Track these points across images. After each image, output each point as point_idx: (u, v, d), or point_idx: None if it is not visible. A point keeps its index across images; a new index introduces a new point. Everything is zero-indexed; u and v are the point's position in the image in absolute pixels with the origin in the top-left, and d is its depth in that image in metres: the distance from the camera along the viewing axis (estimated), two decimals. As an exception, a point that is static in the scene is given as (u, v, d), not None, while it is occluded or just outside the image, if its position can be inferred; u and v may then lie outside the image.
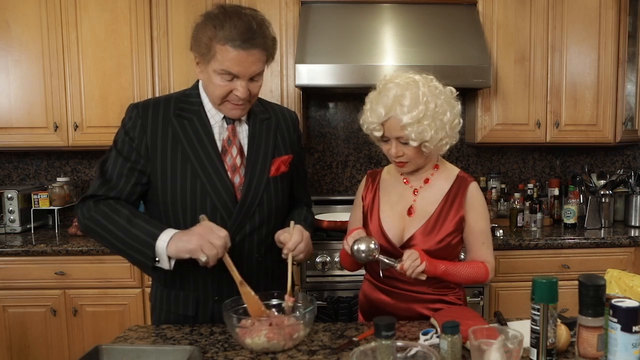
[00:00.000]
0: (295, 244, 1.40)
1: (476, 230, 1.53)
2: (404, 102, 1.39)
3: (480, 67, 2.63)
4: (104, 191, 1.40)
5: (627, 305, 1.06)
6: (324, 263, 2.48)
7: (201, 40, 1.34)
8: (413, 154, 1.46)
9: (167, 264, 1.32)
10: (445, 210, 1.51)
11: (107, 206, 1.38)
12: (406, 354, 1.07)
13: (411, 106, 1.39)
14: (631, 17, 2.93)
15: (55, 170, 3.18)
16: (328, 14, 2.78)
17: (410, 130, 1.39)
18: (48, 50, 2.76)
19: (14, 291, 2.55)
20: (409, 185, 1.56)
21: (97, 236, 1.39)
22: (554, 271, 2.65)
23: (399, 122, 1.40)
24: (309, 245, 1.46)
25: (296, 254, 1.41)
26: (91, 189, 1.43)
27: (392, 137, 1.44)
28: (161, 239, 1.31)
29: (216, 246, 1.27)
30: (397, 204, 1.55)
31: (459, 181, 1.54)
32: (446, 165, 1.59)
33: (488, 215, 1.57)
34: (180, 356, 1.19)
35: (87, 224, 1.39)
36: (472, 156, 3.29)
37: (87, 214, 1.39)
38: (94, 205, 1.39)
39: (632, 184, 3.02)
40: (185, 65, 2.77)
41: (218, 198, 1.42)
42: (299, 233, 1.43)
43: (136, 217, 1.36)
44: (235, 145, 1.47)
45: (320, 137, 3.21)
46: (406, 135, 1.41)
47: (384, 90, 1.43)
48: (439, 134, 1.43)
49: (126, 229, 1.33)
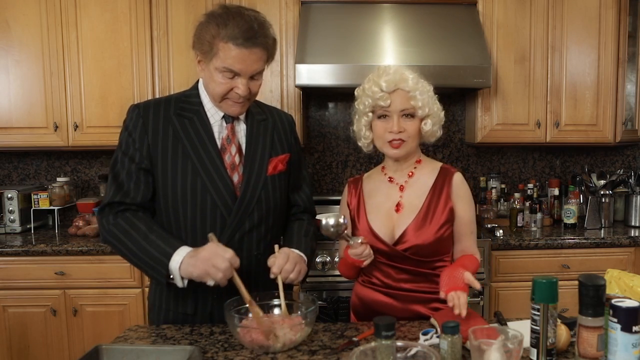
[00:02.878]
0: (279, 267, 1.39)
1: (465, 219, 1.55)
2: (408, 76, 1.47)
3: (480, 67, 2.63)
4: (120, 197, 1.44)
5: (627, 305, 1.06)
6: (324, 263, 2.48)
7: (204, 38, 1.37)
8: (413, 131, 1.49)
9: (181, 282, 1.36)
10: (433, 202, 1.51)
11: (125, 220, 1.42)
12: (406, 354, 1.07)
13: (415, 80, 1.47)
14: (631, 17, 2.93)
15: (55, 170, 3.18)
16: (328, 14, 2.78)
17: (419, 98, 1.46)
18: (48, 50, 2.76)
19: (14, 291, 2.55)
20: (394, 183, 1.56)
21: (115, 249, 1.44)
22: (554, 271, 2.65)
23: (406, 92, 1.46)
24: (298, 264, 1.44)
25: (284, 276, 1.40)
26: (107, 197, 1.46)
27: (396, 110, 1.46)
28: (174, 259, 1.34)
29: (221, 269, 1.29)
30: (383, 204, 1.55)
31: (443, 173, 1.55)
32: (428, 160, 1.61)
33: (473, 205, 1.60)
34: (180, 356, 1.19)
35: (107, 238, 1.44)
36: (472, 156, 3.29)
37: (106, 227, 1.43)
38: (113, 219, 1.43)
39: (632, 184, 3.02)
40: (185, 65, 2.77)
41: (218, 195, 1.44)
42: (283, 256, 1.42)
43: (152, 232, 1.39)
44: (234, 143, 1.49)
45: (320, 137, 3.21)
46: (413, 105, 1.46)
47: (384, 72, 1.48)
48: (438, 112, 1.52)
49: (142, 246, 1.38)
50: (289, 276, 1.42)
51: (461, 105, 3.23)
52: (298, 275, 1.44)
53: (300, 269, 1.45)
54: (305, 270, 1.49)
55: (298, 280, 1.47)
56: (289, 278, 1.42)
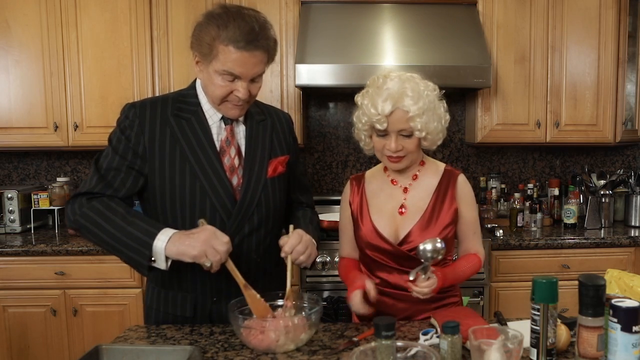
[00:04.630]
0: (291, 247, 1.38)
1: (469, 220, 1.56)
2: (408, 94, 1.40)
3: (480, 67, 2.63)
4: (101, 188, 1.38)
5: (627, 305, 1.06)
6: (324, 263, 2.48)
7: (203, 39, 1.33)
8: (413, 148, 1.46)
9: (164, 264, 1.30)
10: (438, 203, 1.51)
11: (101, 203, 1.35)
12: (406, 354, 1.07)
13: (415, 98, 1.41)
14: (631, 17, 2.93)
15: (55, 170, 3.18)
16: (328, 14, 2.78)
17: (418, 120, 1.41)
18: (48, 50, 2.76)
19: (14, 291, 2.55)
20: (397, 185, 1.56)
21: (88, 233, 1.35)
22: (554, 271, 2.65)
23: (405, 114, 1.40)
24: (309, 247, 1.43)
25: (295, 257, 1.39)
26: (86, 186, 1.39)
27: (394, 130, 1.43)
28: (159, 238, 1.29)
29: (220, 252, 1.27)
30: (386, 205, 1.54)
31: (447, 174, 1.55)
32: (431, 161, 1.60)
33: (476, 205, 1.60)
34: (180, 356, 1.19)
35: (78, 220, 1.35)
36: (472, 156, 3.29)
37: (78, 210, 1.35)
38: (87, 201, 1.36)
39: (632, 184, 3.02)
40: (185, 65, 2.77)
41: (217, 199, 1.42)
42: (296, 236, 1.41)
43: (132, 215, 1.34)
44: (234, 145, 1.47)
45: (320, 137, 3.21)
46: (412, 127, 1.42)
47: (384, 84, 1.43)
48: (438, 126, 1.47)
49: (121, 226, 1.30)
50: (299, 257, 1.40)
51: (461, 105, 3.23)
52: (308, 258, 1.42)
53: (311, 252, 1.43)
54: (315, 254, 1.47)
55: (307, 264, 1.44)
56: (298, 259, 1.40)
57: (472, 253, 1.58)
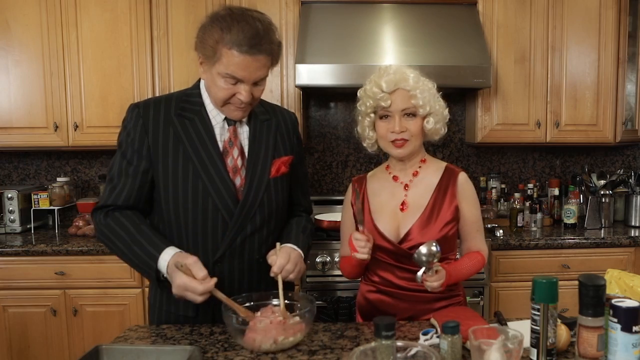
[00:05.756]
0: (280, 267, 1.39)
1: (471, 219, 1.56)
2: (409, 75, 1.47)
3: (480, 67, 2.63)
4: (112, 200, 1.43)
5: (627, 305, 1.06)
6: (324, 263, 2.48)
7: (207, 42, 1.33)
8: (416, 130, 1.48)
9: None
10: (438, 201, 1.52)
11: (114, 220, 1.42)
12: (406, 354, 1.07)
13: (416, 79, 1.47)
14: (631, 17, 2.93)
15: (55, 170, 3.18)
16: (328, 14, 2.78)
17: (420, 97, 1.45)
18: (48, 50, 2.76)
19: (14, 291, 2.55)
20: (398, 181, 1.57)
21: (109, 250, 1.46)
22: (554, 271, 2.65)
23: (406, 92, 1.46)
24: (298, 264, 1.44)
25: (285, 276, 1.40)
26: (101, 200, 1.46)
27: (398, 110, 1.46)
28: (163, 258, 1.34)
29: (197, 300, 1.30)
30: (388, 202, 1.55)
31: (448, 172, 1.56)
32: (433, 159, 1.62)
33: (479, 204, 1.61)
34: (180, 356, 1.19)
35: (100, 238, 1.46)
36: (472, 156, 3.29)
37: (99, 227, 1.45)
38: (104, 218, 1.43)
39: (632, 184, 3.02)
40: (185, 65, 2.77)
41: (219, 199, 1.42)
42: (284, 255, 1.41)
43: (139, 232, 1.39)
44: (237, 146, 1.47)
45: (320, 137, 3.21)
46: (414, 104, 1.46)
47: (386, 70, 1.49)
48: (440, 109, 1.51)
49: (130, 247, 1.38)
50: (289, 276, 1.41)
51: (461, 105, 3.23)
52: (297, 274, 1.45)
53: (300, 269, 1.45)
54: (304, 268, 1.50)
55: (297, 279, 1.47)
56: (288, 278, 1.42)
57: (475, 251, 1.59)
